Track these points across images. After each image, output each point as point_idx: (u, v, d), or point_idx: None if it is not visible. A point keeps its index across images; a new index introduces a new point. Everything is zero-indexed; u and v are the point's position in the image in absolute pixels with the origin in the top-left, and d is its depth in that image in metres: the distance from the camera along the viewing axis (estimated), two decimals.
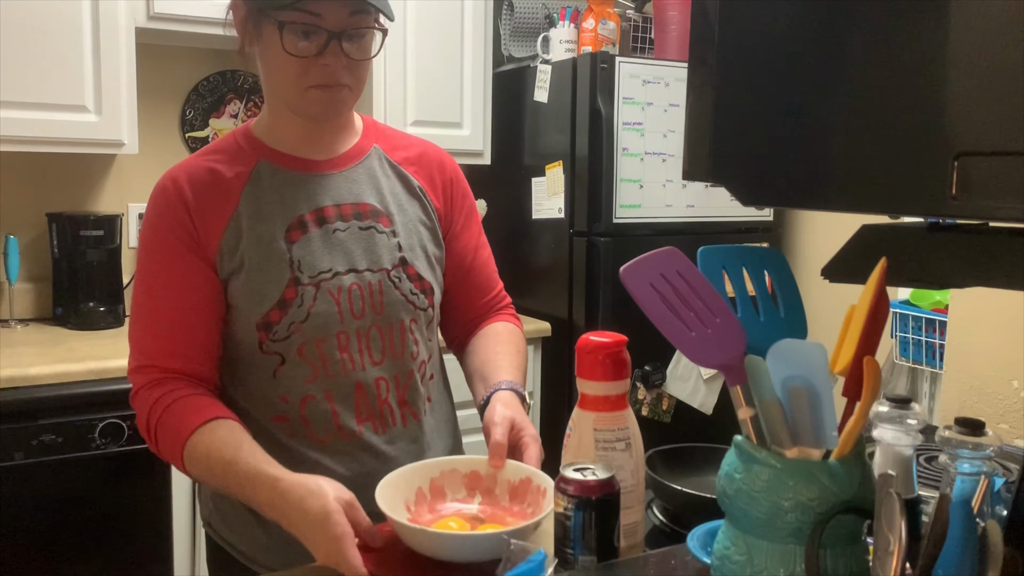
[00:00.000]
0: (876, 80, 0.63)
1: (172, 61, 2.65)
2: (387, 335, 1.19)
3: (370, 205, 1.20)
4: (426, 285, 1.22)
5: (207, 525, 1.26)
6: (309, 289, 1.14)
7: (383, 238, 1.19)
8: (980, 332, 1.72)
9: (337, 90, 1.12)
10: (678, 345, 0.76)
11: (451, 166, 1.32)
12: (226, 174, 1.16)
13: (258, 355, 1.15)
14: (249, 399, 1.18)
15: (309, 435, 1.16)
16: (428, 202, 1.26)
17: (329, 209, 1.17)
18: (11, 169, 2.44)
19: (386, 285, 1.18)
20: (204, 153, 1.20)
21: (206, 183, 1.15)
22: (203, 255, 1.14)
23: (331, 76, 1.10)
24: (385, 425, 1.19)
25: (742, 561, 0.74)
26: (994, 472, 0.76)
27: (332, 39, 1.08)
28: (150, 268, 1.15)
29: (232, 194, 1.15)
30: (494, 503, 1.09)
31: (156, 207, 1.15)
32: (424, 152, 1.30)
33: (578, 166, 2.58)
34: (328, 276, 1.15)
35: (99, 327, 2.40)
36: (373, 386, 1.18)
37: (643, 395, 2.61)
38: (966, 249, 0.72)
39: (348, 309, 1.16)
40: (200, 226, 1.13)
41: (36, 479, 1.91)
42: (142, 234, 1.17)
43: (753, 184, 0.74)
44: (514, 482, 1.09)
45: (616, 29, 2.68)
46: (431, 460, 1.13)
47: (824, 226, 2.86)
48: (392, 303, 1.19)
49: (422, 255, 1.23)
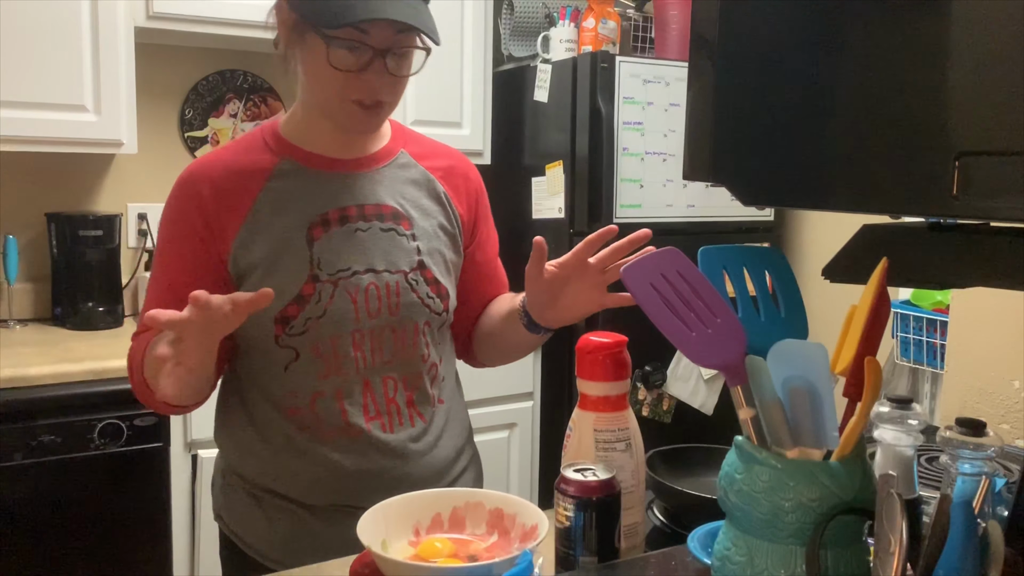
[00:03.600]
0: (876, 80, 0.63)
1: (171, 61, 2.65)
2: (400, 336, 1.20)
3: (392, 207, 1.21)
4: (442, 290, 1.24)
5: (218, 518, 1.28)
6: (327, 286, 1.15)
7: (403, 240, 1.21)
8: (981, 332, 1.72)
9: (376, 110, 1.14)
10: (678, 345, 0.76)
11: (475, 176, 1.34)
12: (247, 168, 1.18)
13: (273, 349, 1.16)
14: (263, 392, 1.20)
15: (319, 430, 1.18)
16: (452, 209, 1.28)
17: (352, 209, 1.19)
18: (10, 169, 2.44)
19: (403, 287, 1.19)
20: (228, 147, 1.22)
21: (226, 177, 1.17)
22: (215, 249, 1.16)
23: (372, 92, 1.12)
24: (392, 424, 1.20)
25: (743, 562, 0.74)
26: (995, 473, 0.76)
27: (377, 56, 1.10)
28: (161, 256, 1.20)
29: (252, 188, 1.17)
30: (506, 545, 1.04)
31: (175, 199, 1.19)
32: (451, 158, 1.32)
33: (578, 166, 2.57)
34: (347, 274, 1.16)
35: (98, 327, 2.39)
36: (381, 385, 1.19)
37: (643, 395, 2.61)
38: (967, 249, 0.72)
39: (364, 308, 1.17)
40: (215, 220, 1.16)
41: (35, 479, 1.91)
42: (160, 224, 1.21)
43: (753, 184, 0.74)
44: (527, 526, 1.03)
45: (616, 28, 2.68)
46: (457, 490, 1.11)
47: (824, 226, 2.86)
48: (408, 305, 1.20)
49: (440, 260, 1.24)
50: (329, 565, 1.09)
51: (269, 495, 1.21)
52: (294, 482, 1.19)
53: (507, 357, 1.38)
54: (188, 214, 1.16)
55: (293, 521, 1.19)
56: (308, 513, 1.19)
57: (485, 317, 1.35)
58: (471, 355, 1.40)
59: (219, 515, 1.28)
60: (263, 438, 1.20)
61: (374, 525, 1.01)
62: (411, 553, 1.02)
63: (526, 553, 0.86)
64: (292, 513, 1.19)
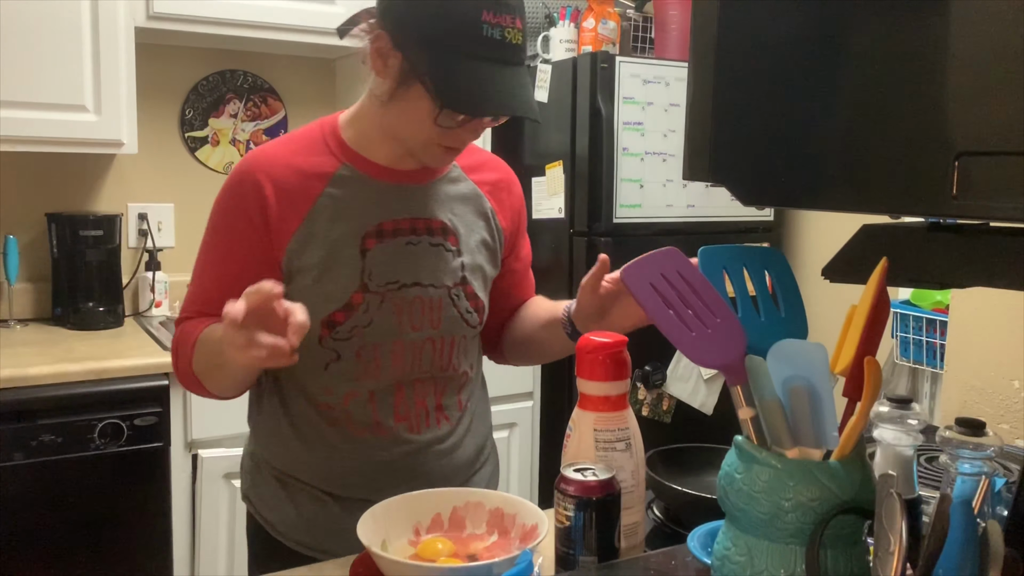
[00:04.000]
0: (876, 80, 0.63)
1: (172, 61, 2.65)
2: (438, 348, 1.22)
3: (442, 222, 1.23)
4: (479, 304, 1.26)
5: (246, 499, 1.31)
6: (375, 297, 1.17)
7: (449, 256, 1.23)
8: (981, 332, 1.72)
9: (456, 152, 1.18)
10: (678, 345, 0.76)
11: (518, 189, 1.37)
12: (309, 170, 1.18)
13: (316, 348, 1.17)
14: (299, 385, 1.22)
15: (348, 425, 1.20)
16: (495, 224, 1.30)
17: (405, 222, 1.20)
18: (11, 169, 2.44)
19: (446, 302, 1.22)
20: (288, 144, 1.21)
21: (288, 176, 1.17)
22: (271, 246, 1.16)
23: (462, 143, 1.16)
24: (419, 425, 1.23)
25: (742, 562, 0.74)
26: (995, 472, 0.76)
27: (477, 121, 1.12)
28: (211, 244, 1.21)
29: (312, 192, 1.17)
30: (506, 545, 1.05)
31: (233, 194, 1.18)
32: (497, 171, 1.35)
33: (578, 166, 2.57)
34: (395, 287, 1.18)
35: (98, 327, 2.39)
36: (412, 391, 1.22)
37: (643, 395, 2.61)
38: (967, 249, 0.72)
39: (408, 322, 1.19)
40: (276, 218, 1.16)
41: (36, 479, 1.91)
42: (213, 213, 1.21)
43: (753, 184, 0.74)
44: (527, 526, 1.05)
45: (616, 29, 2.68)
46: (458, 490, 1.12)
47: (824, 226, 2.86)
48: (449, 319, 1.22)
49: (480, 275, 1.26)
50: (329, 565, 1.10)
51: (295, 481, 1.23)
52: (321, 472, 1.22)
53: (542, 359, 1.43)
54: (247, 208, 1.16)
55: (318, 506, 1.22)
56: (332, 500, 1.22)
57: (518, 321, 1.38)
58: (499, 354, 1.43)
59: (247, 496, 1.31)
60: (294, 428, 1.22)
61: (374, 525, 1.01)
62: (411, 553, 1.02)
63: (526, 553, 0.86)
64: (317, 499, 1.22)
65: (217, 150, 2.76)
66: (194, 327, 1.18)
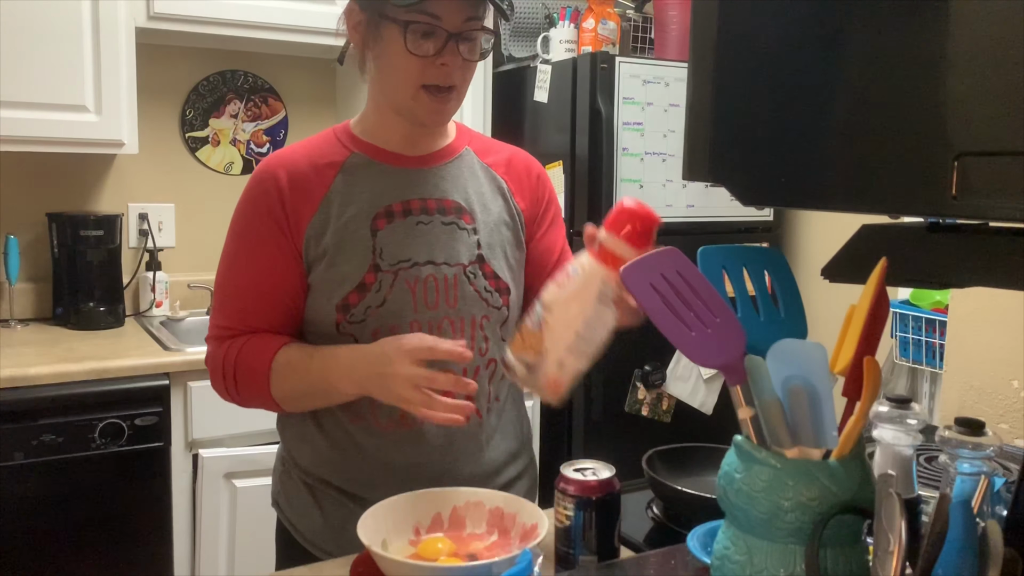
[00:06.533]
0: (876, 80, 0.63)
1: (172, 61, 2.65)
2: (458, 328, 1.22)
3: (454, 202, 1.24)
4: (502, 284, 1.25)
5: (275, 505, 1.31)
6: (387, 276, 1.18)
7: (464, 234, 1.23)
8: (980, 332, 1.72)
9: (446, 97, 1.18)
10: (678, 345, 0.77)
11: (537, 170, 1.37)
12: (320, 160, 1.22)
13: (334, 336, 1.19)
14: None
15: (374, 420, 1.20)
16: (514, 205, 1.30)
17: (415, 202, 1.22)
18: (11, 169, 2.44)
19: (461, 280, 1.22)
20: (303, 146, 1.26)
21: (301, 167, 1.21)
22: (291, 241, 1.19)
23: (447, 76, 1.16)
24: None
25: (742, 561, 0.74)
26: (994, 472, 0.76)
27: (451, 39, 1.14)
28: (237, 251, 1.22)
29: (324, 181, 1.20)
30: (506, 545, 1.05)
31: (252, 193, 1.21)
32: (513, 156, 1.35)
33: (578, 166, 2.58)
34: (407, 265, 1.19)
35: (99, 327, 2.39)
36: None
37: (643, 395, 2.61)
38: (966, 249, 0.72)
39: (423, 299, 1.20)
40: (292, 212, 1.19)
41: (36, 479, 1.91)
42: (234, 218, 1.23)
43: (753, 184, 0.74)
44: (527, 526, 1.05)
45: (616, 29, 2.68)
46: (458, 489, 1.12)
47: (824, 226, 2.86)
48: (465, 297, 1.22)
49: (501, 255, 1.26)
50: (329, 565, 1.10)
51: (323, 485, 1.23)
52: (348, 475, 1.22)
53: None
54: (268, 203, 1.19)
55: (344, 513, 1.20)
56: (360, 507, 1.19)
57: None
58: None
59: (276, 502, 1.31)
60: (320, 428, 1.23)
61: (374, 525, 1.01)
62: (411, 552, 1.02)
63: (526, 552, 0.86)
64: (343, 506, 1.21)
65: (218, 150, 2.76)
66: (251, 347, 1.18)
